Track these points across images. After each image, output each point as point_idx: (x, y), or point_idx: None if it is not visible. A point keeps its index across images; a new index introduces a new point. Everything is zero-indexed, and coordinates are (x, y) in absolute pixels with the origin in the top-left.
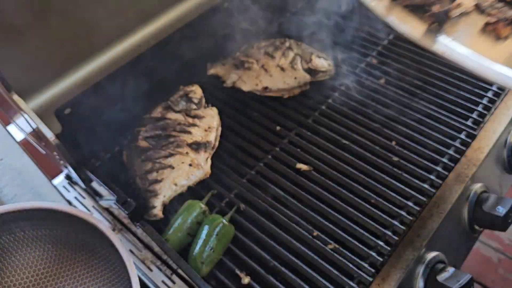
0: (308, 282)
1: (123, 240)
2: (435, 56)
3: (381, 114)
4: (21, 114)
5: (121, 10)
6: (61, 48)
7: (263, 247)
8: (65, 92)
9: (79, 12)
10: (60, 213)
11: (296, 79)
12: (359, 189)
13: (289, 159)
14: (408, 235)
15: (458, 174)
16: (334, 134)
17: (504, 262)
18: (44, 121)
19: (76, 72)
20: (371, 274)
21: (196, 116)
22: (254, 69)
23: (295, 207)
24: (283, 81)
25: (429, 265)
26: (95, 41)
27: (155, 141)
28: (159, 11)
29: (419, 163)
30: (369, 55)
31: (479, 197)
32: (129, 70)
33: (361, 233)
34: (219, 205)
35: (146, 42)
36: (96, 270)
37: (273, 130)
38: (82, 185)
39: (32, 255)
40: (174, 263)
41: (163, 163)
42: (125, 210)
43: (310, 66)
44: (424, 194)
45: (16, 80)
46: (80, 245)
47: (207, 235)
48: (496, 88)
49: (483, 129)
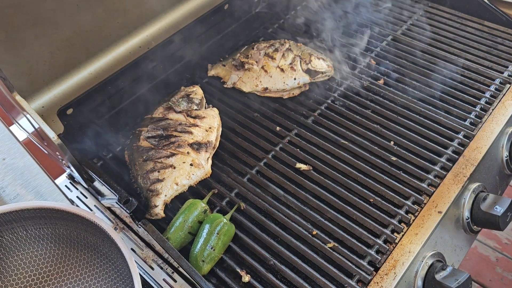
0: (307, 280)
1: (125, 238)
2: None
3: (380, 114)
4: (24, 115)
5: (122, 12)
6: (63, 49)
7: (263, 246)
8: (67, 93)
9: (81, 14)
10: (62, 212)
11: (296, 80)
12: (358, 189)
13: (288, 159)
14: (407, 234)
15: (456, 174)
16: (333, 134)
17: (502, 261)
18: (46, 121)
19: (78, 73)
20: (370, 273)
21: (197, 117)
22: (254, 70)
23: (295, 206)
24: (282, 82)
25: (427, 264)
26: (97, 43)
27: (156, 141)
28: (160, 13)
29: (417, 163)
30: (368, 56)
31: (477, 196)
32: (130, 71)
33: (360, 232)
34: (220, 204)
35: (147, 44)
36: (98, 269)
37: (273, 130)
38: (84, 185)
39: (34, 254)
40: (175, 261)
41: (164, 162)
42: (126, 209)
43: (310, 67)
44: (422, 193)
45: (18, 80)
46: (83, 244)
47: (208, 233)
48: (494, 89)
49: (481, 130)
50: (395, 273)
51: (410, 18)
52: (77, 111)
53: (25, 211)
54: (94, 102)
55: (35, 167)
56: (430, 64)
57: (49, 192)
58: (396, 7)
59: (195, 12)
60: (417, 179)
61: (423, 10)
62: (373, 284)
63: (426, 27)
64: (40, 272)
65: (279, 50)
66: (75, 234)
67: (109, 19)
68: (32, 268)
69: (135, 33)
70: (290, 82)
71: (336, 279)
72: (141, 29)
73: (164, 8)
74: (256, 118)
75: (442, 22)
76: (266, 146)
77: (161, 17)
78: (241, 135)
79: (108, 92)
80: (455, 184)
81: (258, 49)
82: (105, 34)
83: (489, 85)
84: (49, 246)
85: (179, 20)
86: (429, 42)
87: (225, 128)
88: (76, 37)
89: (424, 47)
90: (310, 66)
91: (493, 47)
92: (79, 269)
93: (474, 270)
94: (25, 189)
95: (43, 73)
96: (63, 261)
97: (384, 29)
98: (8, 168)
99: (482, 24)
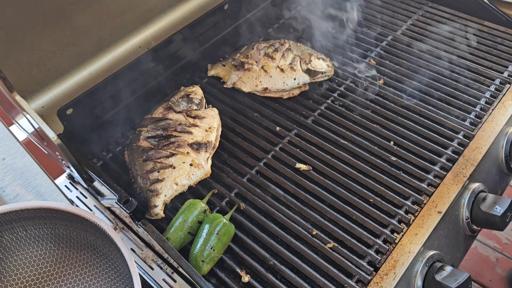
0: (307, 280)
1: (125, 239)
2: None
3: (380, 114)
4: (24, 115)
5: (122, 12)
6: (64, 49)
7: (263, 246)
8: (67, 93)
9: (80, 14)
10: (62, 212)
11: (296, 80)
12: (358, 189)
13: (288, 159)
14: (407, 234)
15: (456, 174)
16: (333, 134)
17: (501, 261)
18: (46, 121)
19: (78, 73)
20: (369, 273)
21: (197, 117)
22: (254, 70)
23: (295, 206)
24: (282, 82)
25: (427, 264)
26: (97, 42)
27: (156, 141)
28: (160, 13)
29: (417, 163)
30: (368, 56)
31: (477, 196)
32: (130, 71)
33: (360, 232)
34: (220, 204)
35: (147, 44)
36: (98, 269)
37: (273, 130)
38: (84, 185)
39: (34, 254)
40: (175, 261)
41: (164, 163)
42: (126, 209)
43: (310, 67)
44: (422, 193)
45: (18, 80)
46: (82, 244)
47: (207, 234)
48: (494, 89)
49: (481, 130)
50: (395, 273)
51: (410, 18)
52: (77, 111)
53: (25, 211)
54: (94, 102)
55: (35, 167)
56: (430, 64)
57: (49, 192)
58: (396, 7)
59: (195, 12)
60: (417, 179)
61: (423, 10)
62: (373, 284)
63: (426, 27)
64: (40, 272)
65: (279, 50)
66: (75, 234)
67: (109, 19)
68: (32, 268)
69: (135, 33)
70: (290, 82)
71: (336, 279)
72: (141, 29)
73: (164, 8)
74: (256, 118)
75: (442, 22)
76: (266, 146)
77: (161, 17)
78: (241, 135)
79: (108, 92)
80: (455, 184)
81: (258, 49)
82: (105, 34)
83: (489, 85)
84: (49, 246)
85: (179, 20)
86: (429, 42)
87: (225, 128)
88: (76, 37)
89: (424, 47)
90: (310, 66)
91: (493, 47)
92: (78, 269)
93: (474, 270)
94: (25, 189)
95: (43, 73)
96: (63, 261)
97: (384, 29)
98: (8, 168)
99: (482, 24)
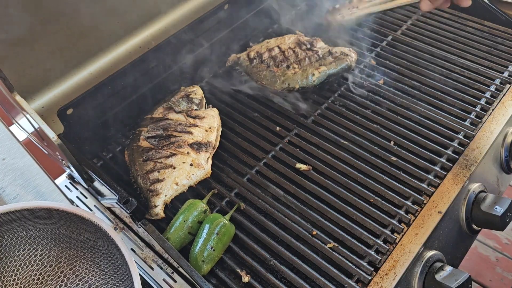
0: (307, 281)
1: (125, 239)
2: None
3: (380, 114)
4: (24, 115)
5: (122, 12)
6: (64, 49)
7: (263, 246)
8: (67, 93)
9: (80, 14)
10: (62, 213)
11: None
12: (358, 189)
13: (288, 159)
14: (407, 234)
15: (456, 174)
16: (333, 134)
17: (502, 261)
18: (46, 121)
19: (78, 73)
20: (369, 273)
21: (197, 117)
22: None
23: (295, 206)
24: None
25: (427, 264)
26: (97, 42)
27: (156, 141)
28: (160, 13)
29: (417, 163)
30: (368, 56)
31: (477, 196)
32: (130, 71)
33: (360, 232)
34: (220, 204)
35: (147, 44)
36: (98, 269)
37: (273, 130)
38: (84, 185)
39: (34, 254)
40: (175, 261)
41: (164, 163)
42: (126, 210)
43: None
44: (422, 193)
45: (18, 80)
46: (83, 244)
47: (207, 234)
48: (494, 89)
49: (481, 130)
50: (395, 273)
51: (410, 18)
52: (77, 111)
53: (25, 211)
54: (94, 102)
55: (35, 167)
56: (429, 64)
57: (49, 192)
58: (396, 7)
59: (195, 12)
60: (417, 179)
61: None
62: (373, 284)
63: (426, 27)
64: (40, 272)
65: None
66: (75, 234)
67: (109, 19)
68: (32, 268)
69: (135, 33)
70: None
71: (336, 279)
72: (141, 29)
73: (164, 8)
74: (256, 118)
75: (442, 22)
76: (266, 146)
77: (161, 17)
78: (241, 135)
79: (108, 92)
80: (455, 184)
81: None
82: (105, 34)
83: (489, 85)
84: (49, 246)
85: (179, 20)
86: (429, 42)
87: (225, 128)
88: (76, 37)
89: (424, 47)
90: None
91: (493, 47)
92: (79, 269)
93: (474, 270)
94: (25, 189)
95: (43, 73)
96: (63, 261)
97: (384, 29)
98: (8, 168)
99: (482, 24)
